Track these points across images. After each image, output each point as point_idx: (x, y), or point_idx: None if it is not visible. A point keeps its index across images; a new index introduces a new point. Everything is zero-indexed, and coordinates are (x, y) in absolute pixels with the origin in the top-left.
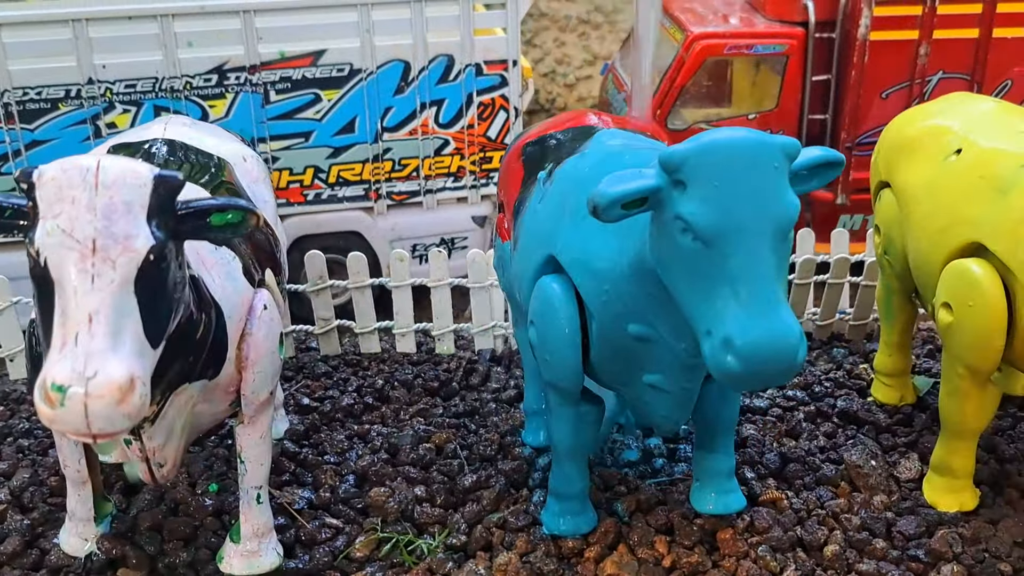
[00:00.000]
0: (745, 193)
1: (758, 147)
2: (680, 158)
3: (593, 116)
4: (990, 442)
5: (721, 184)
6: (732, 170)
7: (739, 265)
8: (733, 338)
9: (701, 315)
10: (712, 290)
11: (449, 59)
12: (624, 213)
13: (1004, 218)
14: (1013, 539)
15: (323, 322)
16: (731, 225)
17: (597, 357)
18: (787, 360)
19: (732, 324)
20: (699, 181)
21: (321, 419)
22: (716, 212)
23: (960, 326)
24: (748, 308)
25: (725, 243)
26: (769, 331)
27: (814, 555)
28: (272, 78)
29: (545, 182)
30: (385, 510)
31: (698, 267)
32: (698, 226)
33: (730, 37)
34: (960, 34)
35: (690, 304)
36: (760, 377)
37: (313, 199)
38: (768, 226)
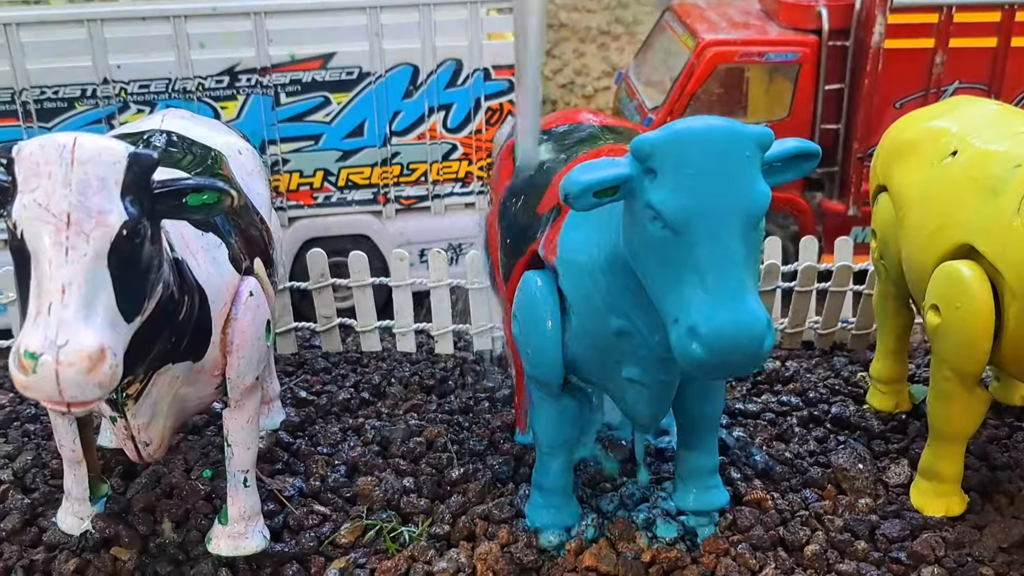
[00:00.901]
0: (715, 182)
1: (729, 136)
2: (650, 146)
3: (587, 113)
4: (983, 450)
5: (691, 172)
6: (702, 158)
7: (706, 253)
8: (698, 326)
9: (669, 304)
10: (680, 278)
11: (458, 63)
12: (596, 202)
13: (994, 219)
14: (998, 544)
15: (325, 320)
16: (699, 213)
17: (576, 351)
18: (752, 348)
19: (697, 312)
20: (669, 169)
21: (317, 412)
22: (685, 200)
23: (947, 328)
24: (714, 296)
25: (693, 231)
26: (734, 319)
27: (794, 554)
28: (282, 80)
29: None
30: (371, 499)
31: (667, 255)
32: (667, 214)
33: (742, 44)
34: (977, 43)
35: (660, 293)
36: (725, 365)
37: (322, 202)
38: (737, 215)
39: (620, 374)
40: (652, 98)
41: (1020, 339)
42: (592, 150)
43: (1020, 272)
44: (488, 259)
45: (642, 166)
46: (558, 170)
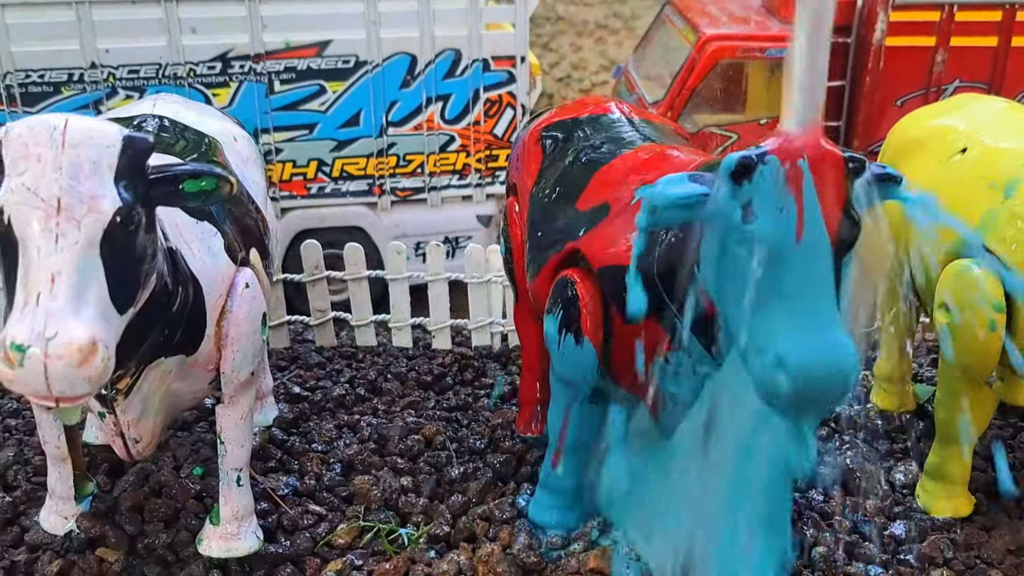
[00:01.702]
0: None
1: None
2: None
3: (615, 105)
4: (989, 450)
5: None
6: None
7: (799, 280)
8: (785, 356)
9: (754, 332)
10: (767, 305)
11: (456, 53)
12: (679, 217)
13: (1006, 218)
14: (1006, 546)
15: (319, 313)
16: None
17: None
18: (839, 383)
19: (785, 342)
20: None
21: (311, 408)
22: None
23: (957, 327)
24: (803, 326)
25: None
26: (824, 351)
27: (803, 555)
28: (277, 68)
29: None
30: (369, 499)
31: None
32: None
33: (743, 39)
34: (978, 42)
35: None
36: (809, 400)
37: (316, 193)
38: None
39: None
40: (652, 92)
41: None
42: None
43: None
44: (507, 250)
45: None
46: (601, 163)
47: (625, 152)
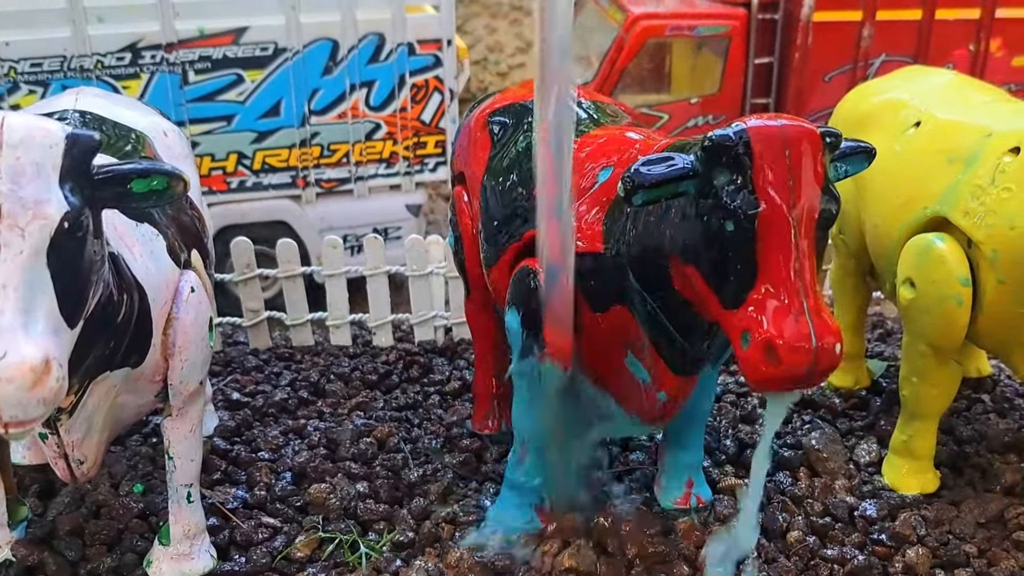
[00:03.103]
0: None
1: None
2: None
3: None
4: (947, 424)
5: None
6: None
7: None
8: (773, 338)
9: (738, 314)
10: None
11: (380, 38)
12: (656, 197)
13: (969, 190)
14: (976, 520)
15: (252, 314)
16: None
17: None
18: (825, 361)
19: (772, 324)
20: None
21: (253, 415)
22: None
23: (923, 303)
24: (790, 306)
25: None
26: (810, 330)
27: (776, 542)
28: (191, 57)
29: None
30: (327, 508)
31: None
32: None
33: (671, 18)
34: (903, 15)
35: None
36: (795, 379)
37: (237, 187)
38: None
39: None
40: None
41: (997, 312)
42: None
43: (997, 243)
44: (456, 241)
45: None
46: None
47: (580, 136)
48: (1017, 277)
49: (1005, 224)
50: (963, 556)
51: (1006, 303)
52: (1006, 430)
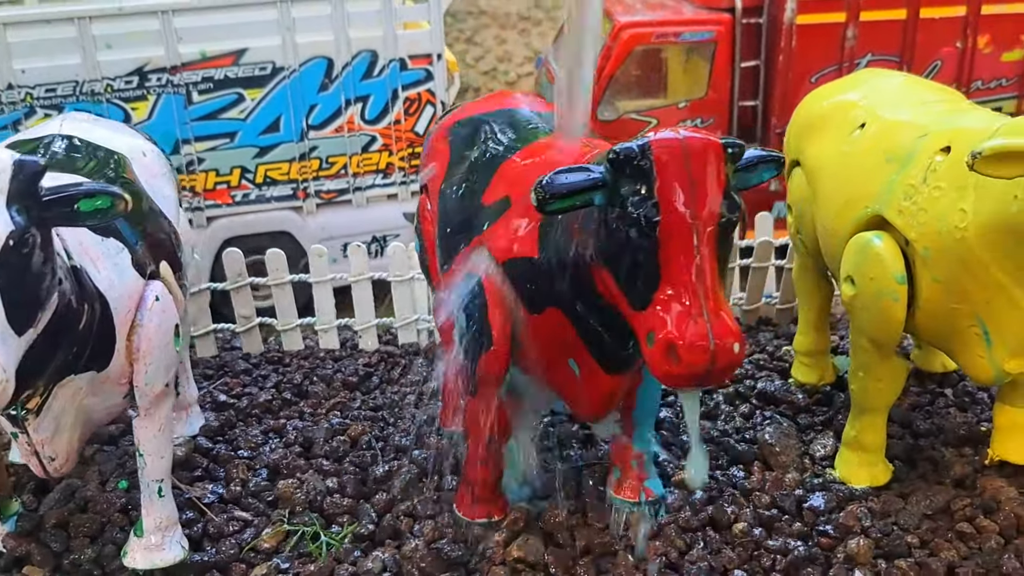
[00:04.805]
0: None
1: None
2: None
3: (520, 97)
4: (906, 417)
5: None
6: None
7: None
8: (675, 339)
9: (644, 316)
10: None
11: (373, 54)
12: (569, 207)
13: (903, 190)
14: (923, 511)
15: (244, 320)
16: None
17: (524, 344)
18: (726, 361)
19: (674, 325)
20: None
21: (237, 415)
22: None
23: (863, 300)
24: (691, 307)
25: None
26: (711, 331)
27: (723, 533)
28: (194, 78)
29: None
30: (293, 502)
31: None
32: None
33: (657, 25)
34: (887, 15)
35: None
36: (698, 377)
37: (241, 200)
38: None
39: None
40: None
41: (932, 308)
42: (539, 141)
43: (928, 241)
44: (421, 247)
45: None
46: (503, 159)
47: (527, 146)
48: (949, 275)
49: (936, 223)
50: (905, 547)
51: (940, 300)
52: (963, 423)
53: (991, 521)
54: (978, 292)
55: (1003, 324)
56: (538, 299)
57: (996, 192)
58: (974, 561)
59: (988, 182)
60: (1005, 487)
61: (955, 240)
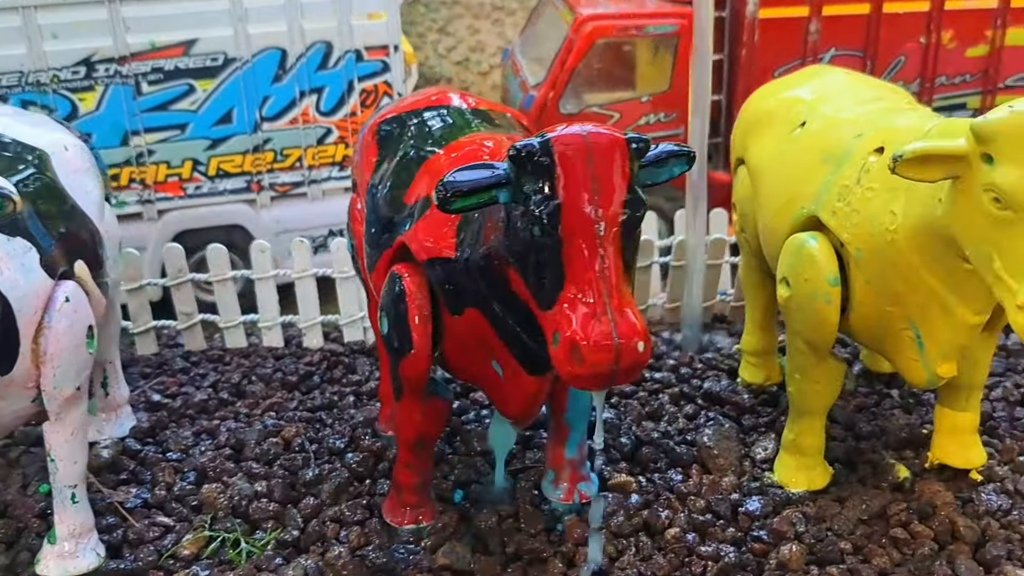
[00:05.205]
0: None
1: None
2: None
3: (456, 95)
4: (850, 419)
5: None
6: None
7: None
8: (577, 339)
9: (549, 315)
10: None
11: (327, 45)
12: (472, 205)
13: (837, 190)
14: (858, 516)
15: (185, 317)
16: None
17: (447, 346)
18: (629, 360)
19: (577, 325)
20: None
21: (170, 416)
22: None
23: (797, 301)
24: (594, 307)
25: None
26: (614, 331)
27: (656, 539)
28: (143, 69)
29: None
30: (216, 507)
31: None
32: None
33: (619, 18)
34: (850, 10)
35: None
36: (602, 377)
37: (193, 193)
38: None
39: (491, 371)
40: (535, 74)
41: (866, 310)
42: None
43: (861, 243)
44: (352, 247)
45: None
46: (427, 157)
47: (450, 143)
48: (881, 277)
49: (868, 224)
50: (837, 553)
51: (873, 302)
52: (905, 425)
53: (926, 527)
54: (909, 295)
55: (934, 328)
56: (458, 300)
57: (923, 195)
58: (906, 568)
59: (916, 184)
60: (942, 491)
61: (886, 242)
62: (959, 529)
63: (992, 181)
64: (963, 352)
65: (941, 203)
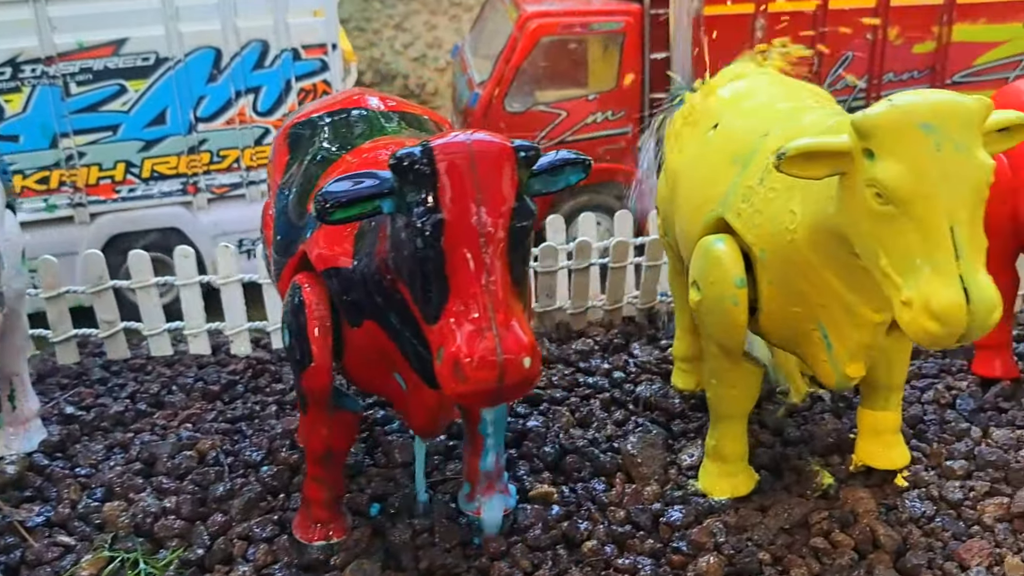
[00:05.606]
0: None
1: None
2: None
3: (372, 97)
4: (779, 425)
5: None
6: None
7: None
8: (460, 358)
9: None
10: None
11: (264, 44)
12: (354, 216)
13: (742, 191)
14: (780, 525)
15: (107, 325)
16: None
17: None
18: (512, 379)
19: (463, 343)
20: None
21: (83, 429)
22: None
23: (707, 304)
24: (479, 323)
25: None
26: (499, 348)
27: (574, 551)
28: (71, 69)
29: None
30: (117, 525)
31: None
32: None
33: (564, 15)
34: (796, 6)
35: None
36: (488, 395)
37: (126, 195)
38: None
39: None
40: (481, 71)
41: (774, 311)
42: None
43: (765, 244)
44: (265, 254)
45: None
46: (332, 161)
47: (356, 148)
48: (785, 278)
49: (770, 224)
50: (757, 564)
51: (780, 303)
52: (834, 430)
53: (847, 536)
54: (813, 295)
55: (840, 327)
56: (356, 311)
57: (817, 193)
58: None
59: (812, 183)
60: (866, 498)
61: (787, 242)
62: (880, 538)
63: (873, 176)
64: (872, 352)
65: (832, 200)
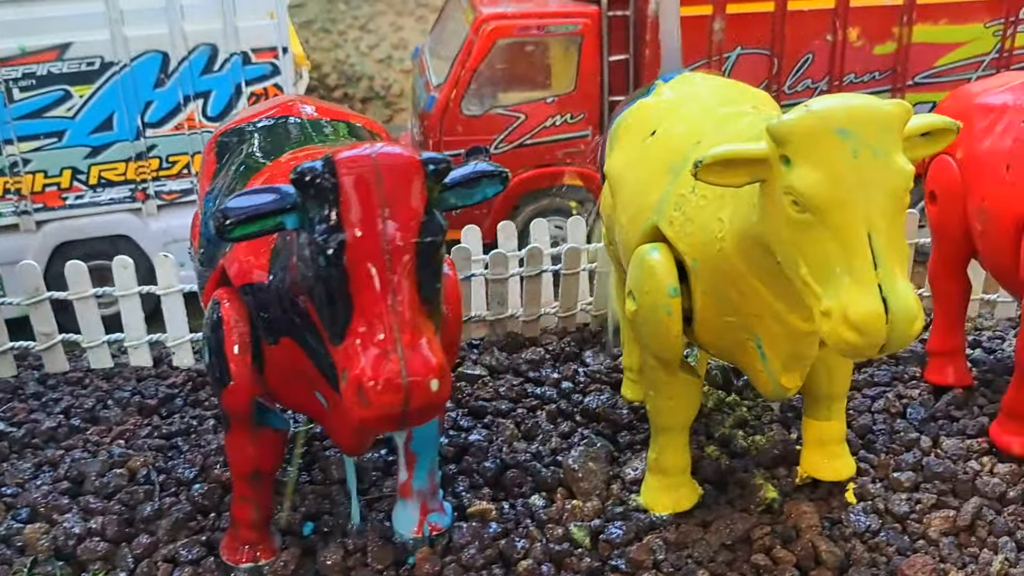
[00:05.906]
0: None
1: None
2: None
3: (304, 105)
4: (726, 437)
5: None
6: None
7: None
8: (363, 381)
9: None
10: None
11: (212, 48)
12: (255, 233)
13: (673, 199)
14: (721, 541)
15: (45, 337)
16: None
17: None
18: (421, 401)
19: (366, 366)
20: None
21: (11, 446)
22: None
23: (642, 314)
24: (381, 346)
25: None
26: (402, 370)
27: (509, 570)
28: (14, 74)
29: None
30: (37, 549)
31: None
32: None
33: (520, 17)
34: (755, 8)
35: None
36: (392, 420)
37: (73, 202)
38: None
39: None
40: (439, 74)
41: (708, 321)
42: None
43: (696, 253)
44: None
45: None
46: (254, 171)
47: (278, 158)
48: (716, 286)
49: (700, 233)
50: None
51: (714, 313)
52: (781, 441)
53: (789, 552)
54: (744, 304)
55: (772, 337)
56: (272, 328)
57: (743, 201)
58: None
59: (740, 191)
60: (809, 513)
61: (716, 251)
62: (821, 554)
63: (790, 184)
64: (805, 361)
65: (755, 208)
